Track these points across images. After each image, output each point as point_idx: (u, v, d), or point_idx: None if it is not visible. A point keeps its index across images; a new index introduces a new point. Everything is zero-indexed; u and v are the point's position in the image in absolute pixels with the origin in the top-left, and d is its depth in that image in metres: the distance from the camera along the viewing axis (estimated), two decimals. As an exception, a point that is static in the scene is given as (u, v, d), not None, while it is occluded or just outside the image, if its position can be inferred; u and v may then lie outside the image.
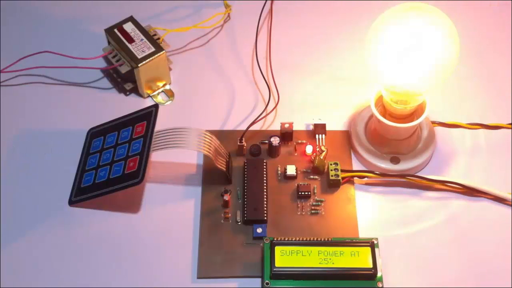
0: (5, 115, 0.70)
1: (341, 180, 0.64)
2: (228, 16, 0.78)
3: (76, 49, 0.72)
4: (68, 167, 0.66)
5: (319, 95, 0.71)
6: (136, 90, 0.71)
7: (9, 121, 0.70)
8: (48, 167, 0.66)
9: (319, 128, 0.68)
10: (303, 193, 0.64)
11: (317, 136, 0.68)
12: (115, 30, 0.70)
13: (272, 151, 0.66)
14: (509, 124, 0.68)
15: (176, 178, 0.66)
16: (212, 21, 0.76)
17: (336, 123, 0.69)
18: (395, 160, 0.66)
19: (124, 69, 0.69)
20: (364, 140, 0.67)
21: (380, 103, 0.65)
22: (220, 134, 0.66)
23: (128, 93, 0.72)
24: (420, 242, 0.62)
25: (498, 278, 0.60)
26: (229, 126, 0.69)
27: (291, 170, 0.65)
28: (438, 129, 0.68)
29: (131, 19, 0.71)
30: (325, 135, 0.68)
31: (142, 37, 0.70)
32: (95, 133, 0.67)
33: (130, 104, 0.71)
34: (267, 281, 0.58)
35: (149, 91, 0.71)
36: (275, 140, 0.66)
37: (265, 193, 0.63)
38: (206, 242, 0.62)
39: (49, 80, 0.73)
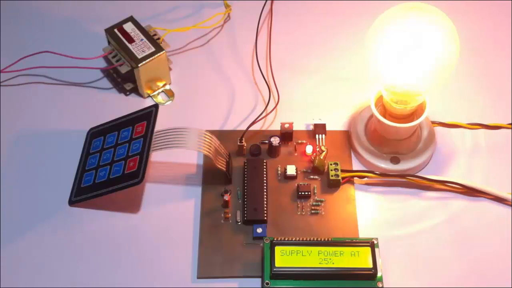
0: (5, 115, 0.70)
1: (341, 180, 0.64)
2: (228, 16, 0.78)
3: (76, 49, 0.72)
4: (68, 167, 0.66)
5: (319, 95, 0.71)
6: (136, 90, 0.71)
7: (9, 121, 0.70)
8: (48, 167, 0.66)
9: (319, 128, 0.68)
10: (303, 193, 0.64)
11: (317, 136, 0.68)
12: (115, 30, 0.70)
13: (272, 151, 0.66)
14: (509, 124, 0.68)
15: (176, 178, 0.66)
16: (212, 21, 0.75)
17: (336, 123, 0.69)
18: (395, 160, 0.66)
19: (124, 69, 0.69)
20: (364, 140, 0.67)
21: (380, 103, 0.65)
22: (220, 134, 0.66)
23: (128, 93, 0.72)
24: (420, 242, 0.62)
25: (498, 278, 0.60)
26: (229, 126, 0.69)
27: (291, 170, 0.65)
28: (438, 129, 0.68)
29: (131, 19, 0.71)
30: (325, 135, 0.68)
31: (142, 37, 0.70)
32: (95, 133, 0.67)
33: (130, 104, 0.71)
34: (267, 281, 0.58)
35: (149, 91, 0.71)
36: (275, 140, 0.66)
37: (265, 193, 0.63)
38: (206, 242, 0.62)
39: (49, 80, 0.73)
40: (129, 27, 0.71)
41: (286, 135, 0.67)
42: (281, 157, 0.67)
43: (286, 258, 0.58)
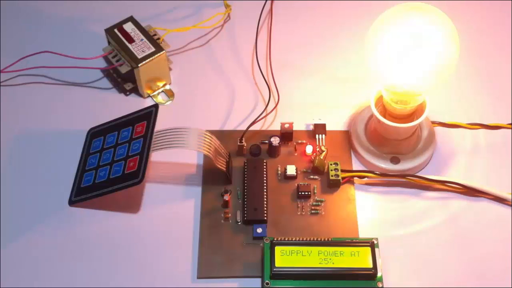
0: (5, 115, 0.70)
1: (341, 180, 0.64)
2: (228, 16, 0.78)
3: (76, 49, 0.72)
4: (68, 167, 0.66)
5: (319, 95, 0.71)
6: (136, 90, 0.71)
7: (9, 121, 0.70)
8: (48, 167, 0.66)
9: (319, 128, 0.68)
10: (303, 193, 0.64)
11: (317, 136, 0.68)
12: (115, 30, 0.70)
13: (272, 151, 0.66)
14: (509, 124, 0.68)
15: (176, 178, 0.66)
16: (212, 21, 0.75)
17: (336, 123, 0.69)
18: (395, 160, 0.66)
19: (124, 69, 0.69)
20: (364, 140, 0.67)
21: (380, 103, 0.65)
22: (220, 134, 0.66)
23: (128, 93, 0.72)
24: (420, 242, 0.62)
25: (498, 278, 0.60)
26: (229, 126, 0.69)
27: (291, 170, 0.65)
28: (438, 129, 0.68)
29: (131, 19, 0.71)
30: (325, 135, 0.68)
31: (142, 37, 0.70)
32: (95, 133, 0.67)
33: (130, 104, 0.71)
34: (267, 281, 0.58)
35: (149, 91, 0.71)
36: (275, 140, 0.66)
37: (265, 193, 0.63)
38: (206, 242, 0.62)
39: (49, 80, 0.73)
40: (129, 27, 0.71)
41: (286, 135, 0.67)
42: (281, 157, 0.67)
43: (286, 258, 0.58)
